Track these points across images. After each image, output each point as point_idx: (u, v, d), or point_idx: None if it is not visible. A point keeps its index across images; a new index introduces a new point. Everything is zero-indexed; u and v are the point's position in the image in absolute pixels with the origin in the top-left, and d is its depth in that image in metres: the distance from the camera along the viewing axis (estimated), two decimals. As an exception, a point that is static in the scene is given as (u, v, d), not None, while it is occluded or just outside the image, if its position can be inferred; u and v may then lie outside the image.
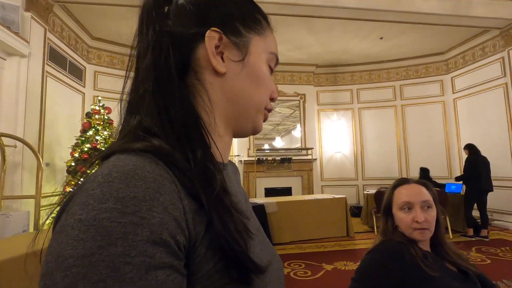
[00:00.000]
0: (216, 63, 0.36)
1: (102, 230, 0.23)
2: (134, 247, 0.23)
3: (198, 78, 0.37)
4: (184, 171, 0.29)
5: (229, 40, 0.37)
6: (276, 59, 0.43)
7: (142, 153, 0.29)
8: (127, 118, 0.35)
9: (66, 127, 4.33)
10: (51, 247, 0.24)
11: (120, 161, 0.28)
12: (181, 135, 0.32)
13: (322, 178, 6.86)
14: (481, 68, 5.50)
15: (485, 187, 4.20)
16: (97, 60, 5.23)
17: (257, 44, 0.40)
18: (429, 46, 5.95)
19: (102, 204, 0.24)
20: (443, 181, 5.27)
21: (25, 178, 3.26)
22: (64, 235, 0.24)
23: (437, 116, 6.38)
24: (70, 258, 0.22)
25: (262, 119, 0.42)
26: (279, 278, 0.39)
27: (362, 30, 5.22)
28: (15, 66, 3.27)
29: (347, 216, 4.49)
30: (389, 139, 6.70)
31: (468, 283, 0.85)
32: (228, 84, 0.38)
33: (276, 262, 0.40)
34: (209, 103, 0.37)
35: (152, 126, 0.33)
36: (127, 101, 0.36)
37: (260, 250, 0.37)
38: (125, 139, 0.33)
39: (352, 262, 3.28)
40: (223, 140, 0.39)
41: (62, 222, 0.25)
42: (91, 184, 0.26)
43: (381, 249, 0.92)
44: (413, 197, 0.94)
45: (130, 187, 0.25)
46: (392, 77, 6.76)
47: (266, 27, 0.42)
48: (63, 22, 4.33)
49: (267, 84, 0.41)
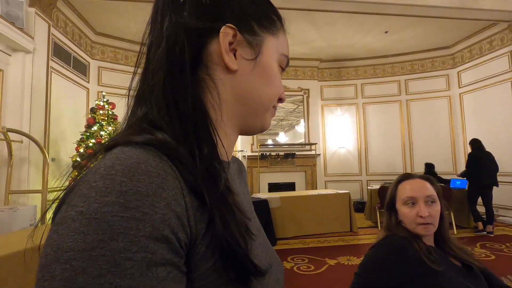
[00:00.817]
0: (228, 59, 0.36)
1: (104, 224, 0.23)
2: (136, 242, 0.23)
3: (209, 74, 0.36)
4: (188, 167, 0.29)
5: (244, 38, 0.37)
6: (287, 60, 0.43)
7: (146, 147, 0.28)
8: (134, 109, 0.35)
9: (71, 122, 4.36)
10: (50, 239, 0.24)
11: (123, 153, 0.27)
12: (189, 131, 0.32)
13: (325, 174, 6.85)
14: (489, 62, 5.41)
15: (486, 183, 4.17)
16: (100, 55, 5.24)
17: (270, 44, 0.39)
18: (435, 40, 5.86)
19: (105, 197, 0.24)
20: (448, 176, 5.23)
21: (32, 173, 3.30)
22: (65, 227, 0.23)
23: (442, 111, 6.31)
24: (70, 251, 0.22)
25: (271, 117, 0.42)
26: (278, 280, 0.38)
27: (366, 24, 5.15)
28: (20, 62, 3.29)
29: (351, 211, 4.49)
30: (394, 134, 6.65)
31: (472, 278, 0.85)
32: (238, 82, 0.37)
33: (276, 264, 0.40)
34: (218, 100, 0.36)
35: (158, 119, 0.32)
36: (135, 93, 0.36)
37: (260, 252, 0.36)
38: (129, 131, 0.32)
39: (356, 257, 3.29)
40: (229, 138, 0.39)
41: (62, 213, 0.25)
42: (93, 176, 0.25)
43: (384, 244, 0.92)
44: (417, 192, 0.93)
45: (133, 181, 0.25)
46: (397, 72, 6.68)
47: (280, 28, 0.41)
48: (67, 17, 4.34)
49: (277, 84, 0.40)
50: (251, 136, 6.36)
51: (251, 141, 6.39)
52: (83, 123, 4.01)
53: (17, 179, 3.17)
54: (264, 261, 0.35)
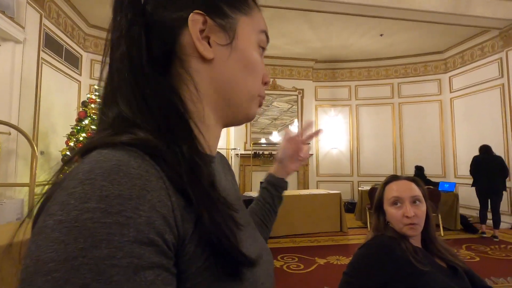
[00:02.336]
0: (202, 48, 0.34)
1: (85, 231, 0.22)
2: (120, 248, 0.22)
3: (184, 67, 0.35)
4: (172, 166, 0.28)
5: (214, 22, 0.35)
6: (267, 37, 0.40)
7: (127, 147, 0.27)
8: (104, 109, 0.33)
9: (62, 115, 4.29)
10: (29, 251, 0.23)
11: (102, 156, 0.26)
12: (163, 127, 0.30)
13: (317, 174, 6.89)
14: (479, 68, 5.52)
15: (486, 188, 4.19)
16: (93, 48, 5.16)
17: (245, 25, 0.37)
18: (428, 44, 5.95)
19: (84, 203, 0.23)
20: (437, 179, 5.32)
21: (20, 166, 3.24)
22: (43, 237, 0.22)
23: (433, 115, 6.42)
24: (50, 262, 0.21)
25: (257, 106, 0.40)
26: (269, 271, 0.38)
27: (362, 26, 5.19)
28: (10, 52, 3.22)
29: (341, 212, 4.54)
30: (385, 136, 6.74)
31: (457, 279, 0.87)
32: (216, 71, 0.36)
33: (266, 255, 0.40)
34: (196, 93, 0.35)
35: (132, 117, 0.31)
36: (103, 93, 0.34)
37: (249, 244, 0.36)
38: (106, 132, 0.30)
39: (345, 257, 3.32)
40: (211, 131, 0.37)
41: (40, 223, 0.24)
42: (71, 182, 0.24)
43: (373, 244, 0.93)
44: (403, 192, 0.95)
45: (114, 185, 0.24)
46: (391, 75, 6.76)
47: (253, 6, 0.39)
48: (60, 8, 4.25)
49: (258, 67, 0.38)
50: (244, 134, 6.36)
51: (244, 139, 6.38)
52: (74, 117, 3.94)
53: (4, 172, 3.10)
54: (253, 252, 0.35)
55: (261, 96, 0.40)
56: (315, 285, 2.61)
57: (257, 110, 0.41)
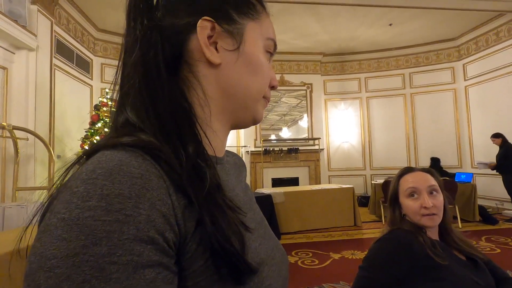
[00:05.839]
0: (209, 54, 0.35)
1: (86, 229, 0.22)
2: (120, 246, 0.23)
3: (192, 71, 0.35)
4: (172, 165, 0.28)
5: (222, 28, 0.35)
6: (275, 44, 0.41)
7: (129, 148, 0.28)
8: (115, 117, 0.34)
9: (75, 119, 4.39)
10: (34, 247, 0.24)
11: (104, 157, 0.27)
12: (171, 131, 0.31)
13: (329, 168, 6.83)
14: (495, 54, 5.32)
15: None
16: (103, 52, 5.25)
17: (252, 30, 0.38)
18: (440, 32, 5.77)
19: (86, 202, 0.23)
20: (453, 170, 5.19)
21: (38, 170, 3.34)
22: (47, 234, 0.23)
23: (447, 104, 6.24)
24: (53, 258, 0.22)
25: (263, 108, 0.41)
26: (281, 271, 0.38)
27: (370, 17, 5.08)
28: (24, 60, 3.31)
29: (355, 206, 4.49)
30: (398, 128, 6.60)
31: (477, 271, 0.84)
32: (223, 75, 0.36)
33: (279, 255, 0.39)
34: (204, 97, 0.36)
35: (138, 122, 0.32)
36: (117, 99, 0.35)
37: (259, 245, 0.36)
38: (111, 135, 0.32)
39: (360, 251, 3.29)
40: (217, 134, 0.38)
41: (46, 221, 0.25)
42: (75, 182, 0.25)
43: (389, 238, 0.91)
44: (419, 183, 0.93)
45: (115, 184, 0.24)
46: (402, 65, 6.60)
47: (261, 12, 0.39)
48: (69, 14, 4.34)
49: (265, 72, 0.39)
50: (254, 132, 6.36)
51: (254, 136, 6.39)
52: (88, 120, 4.03)
53: (24, 176, 3.21)
54: (261, 253, 0.35)
55: (266, 98, 0.41)
56: (330, 280, 2.60)
57: (262, 112, 0.41)
